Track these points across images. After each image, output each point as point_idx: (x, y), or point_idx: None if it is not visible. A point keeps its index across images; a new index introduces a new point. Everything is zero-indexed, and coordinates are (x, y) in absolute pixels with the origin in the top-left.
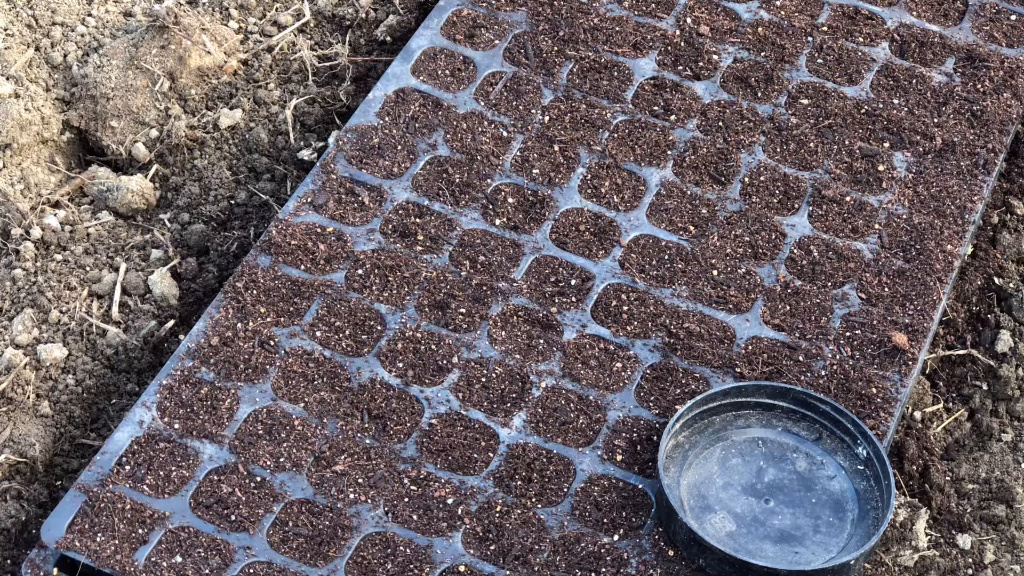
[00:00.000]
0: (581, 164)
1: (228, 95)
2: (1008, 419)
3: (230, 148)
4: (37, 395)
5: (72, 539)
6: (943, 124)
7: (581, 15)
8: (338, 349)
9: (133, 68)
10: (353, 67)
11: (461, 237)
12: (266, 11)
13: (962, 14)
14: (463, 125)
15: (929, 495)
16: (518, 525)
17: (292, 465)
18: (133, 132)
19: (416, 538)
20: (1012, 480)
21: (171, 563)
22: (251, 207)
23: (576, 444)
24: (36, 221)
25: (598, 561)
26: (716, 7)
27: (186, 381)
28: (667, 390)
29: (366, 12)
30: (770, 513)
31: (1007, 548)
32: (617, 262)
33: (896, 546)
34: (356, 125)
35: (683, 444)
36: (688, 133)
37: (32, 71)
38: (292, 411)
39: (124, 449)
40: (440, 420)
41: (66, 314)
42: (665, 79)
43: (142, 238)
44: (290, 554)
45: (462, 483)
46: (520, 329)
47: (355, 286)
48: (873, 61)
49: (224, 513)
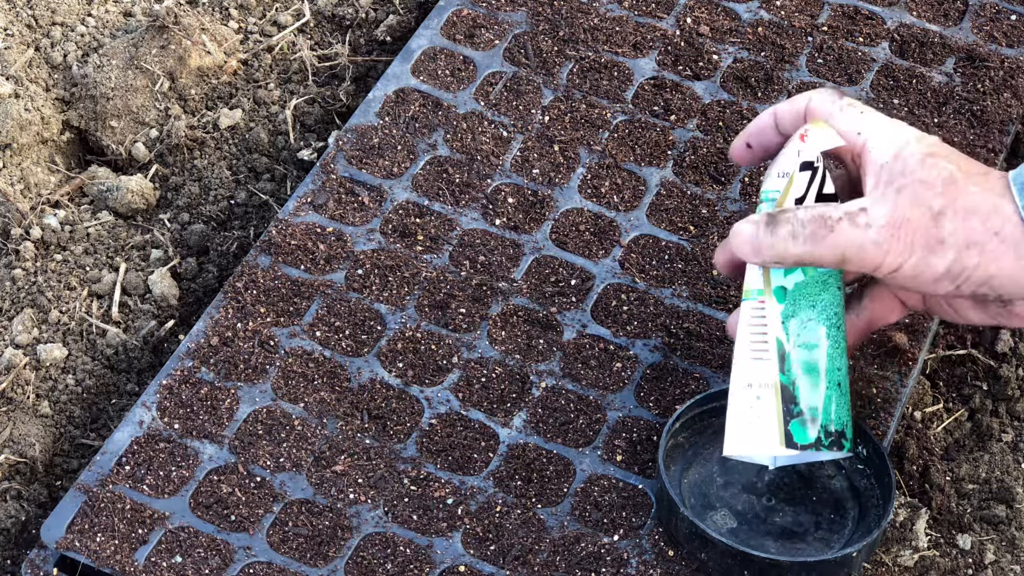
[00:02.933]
0: (581, 164)
1: (228, 95)
2: (1008, 419)
3: (230, 148)
4: (37, 395)
5: (72, 539)
6: (943, 124)
7: (581, 15)
8: (338, 349)
9: (133, 68)
10: (353, 67)
11: (461, 237)
12: (266, 11)
13: (962, 14)
14: (463, 125)
15: (929, 495)
16: (518, 525)
17: (292, 465)
18: (133, 132)
19: (416, 538)
20: (1012, 480)
21: (171, 563)
22: (251, 207)
23: (576, 444)
24: (36, 221)
25: (598, 561)
26: (716, 7)
27: (186, 381)
28: (667, 390)
29: (366, 12)
30: (771, 511)
31: (1007, 548)
32: (617, 262)
33: (896, 546)
34: (356, 125)
35: (683, 444)
36: (688, 133)
37: (32, 71)
38: (292, 411)
39: (124, 449)
40: (440, 420)
41: (66, 314)
42: (665, 79)
43: (142, 238)
44: (290, 554)
45: (462, 483)
46: (520, 329)
47: (355, 286)
48: (873, 61)
49: (224, 513)
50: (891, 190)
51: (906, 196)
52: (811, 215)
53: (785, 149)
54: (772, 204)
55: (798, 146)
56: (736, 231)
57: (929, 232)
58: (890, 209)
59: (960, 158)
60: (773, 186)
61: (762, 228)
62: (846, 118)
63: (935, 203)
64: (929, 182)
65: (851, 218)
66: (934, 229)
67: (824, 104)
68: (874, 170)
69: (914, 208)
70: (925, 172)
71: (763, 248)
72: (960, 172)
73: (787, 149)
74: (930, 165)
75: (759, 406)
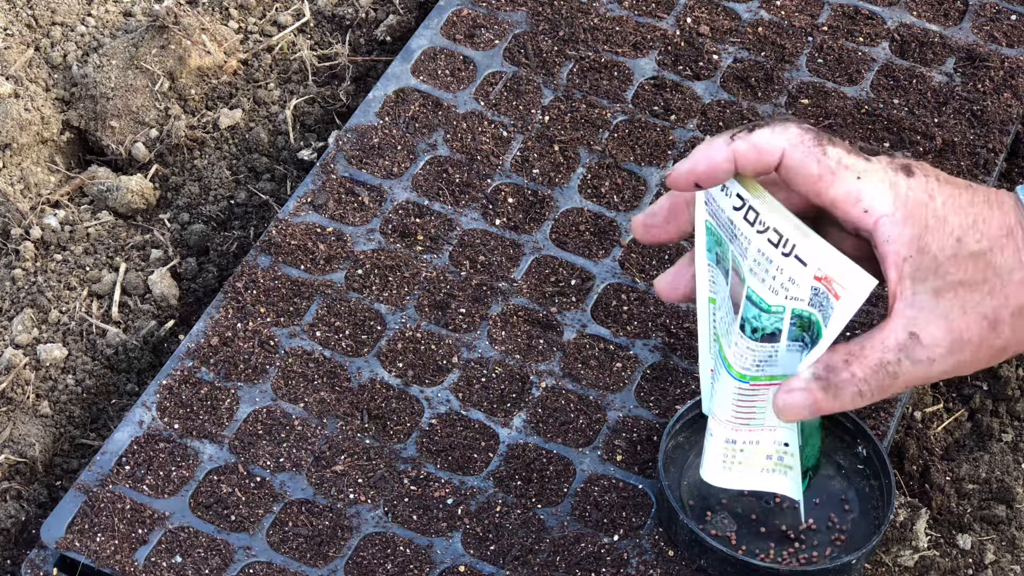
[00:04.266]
0: (581, 164)
1: (228, 95)
2: (1008, 419)
3: (230, 148)
4: (37, 395)
5: (72, 539)
6: (943, 124)
7: (581, 15)
8: (338, 349)
9: (133, 68)
10: (353, 67)
11: (461, 237)
12: (266, 11)
13: (962, 14)
14: (463, 125)
15: (929, 495)
16: (518, 525)
17: (292, 465)
18: (133, 132)
19: (416, 538)
20: (1012, 480)
21: (171, 563)
22: (251, 207)
23: (576, 444)
24: (36, 221)
25: (598, 561)
26: (716, 7)
27: (186, 381)
28: (667, 390)
29: (366, 12)
30: (771, 512)
31: (1007, 548)
32: (617, 262)
33: (896, 546)
34: (356, 125)
35: (683, 444)
36: (688, 133)
37: (32, 71)
38: (292, 411)
39: (124, 449)
40: (440, 420)
41: (66, 314)
42: (665, 79)
43: (142, 238)
44: (290, 554)
45: (462, 483)
46: (520, 329)
47: (355, 286)
48: (873, 61)
49: (224, 513)
50: (927, 295)
51: (951, 304)
52: (870, 369)
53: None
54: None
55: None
56: (785, 405)
57: (991, 344)
58: (944, 330)
59: (969, 205)
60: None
61: (820, 395)
62: (842, 184)
63: (986, 309)
64: (970, 283)
65: (909, 355)
66: (994, 338)
67: (806, 162)
68: (895, 261)
69: (964, 317)
70: (961, 270)
71: (824, 411)
72: (986, 240)
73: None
74: (963, 258)
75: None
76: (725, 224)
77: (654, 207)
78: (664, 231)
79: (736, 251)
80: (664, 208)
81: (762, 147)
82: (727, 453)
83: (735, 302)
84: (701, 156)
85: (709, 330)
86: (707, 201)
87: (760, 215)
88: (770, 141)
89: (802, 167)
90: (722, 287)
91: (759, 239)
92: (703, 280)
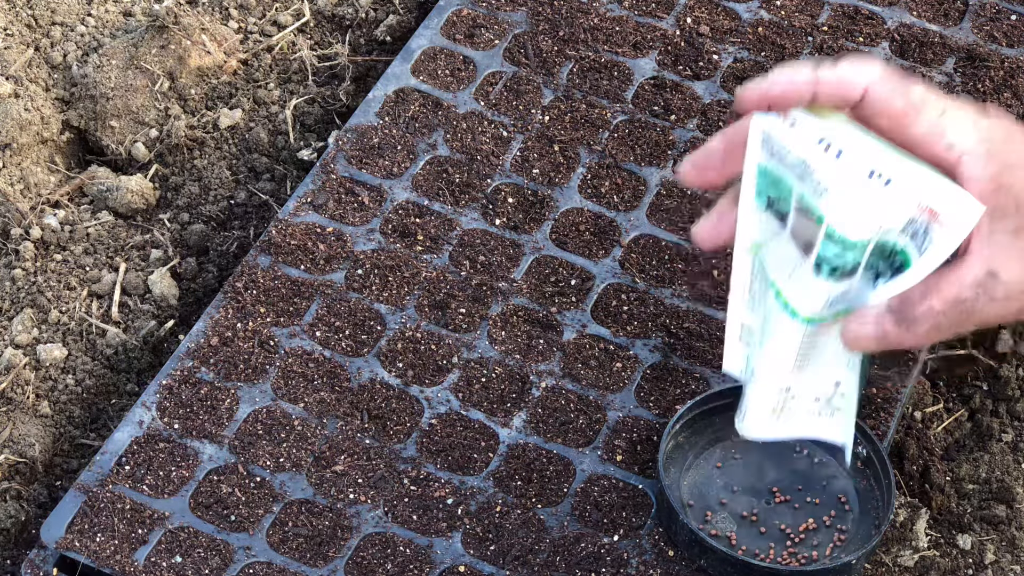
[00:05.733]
0: (581, 164)
1: (228, 95)
2: (1008, 419)
3: (230, 148)
4: (37, 395)
5: (72, 539)
6: None
7: (581, 15)
8: (338, 349)
9: (133, 68)
10: (353, 67)
11: (461, 237)
12: (266, 11)
13: (962, 14)
14: (463, 125)
15: (929, 495)
16: (518, 525)
17: (292, 465)
18: (133, 132)
19: (416, 538)
20: (1012, 480)
21: (171, 563)
22: (251, 207)
23: (576, 444)
24: (36, 221)
25: (598, 561)
26: (716, 7)
27: (186, 381)
28: (667, 390)
29: (366, 12)
30: (771, 512)
31: (1007, 548)
32: (617, 262)
33: (896, 546)
34: (356, 125)
35: (683, 445)
36: (688, 133)
37: (32, 71)
38: (292, 411)
39: (124, 449)
40: (440, 420)
41: (66, 314)
42: (665, 79)
43: (142, 238)
44: (290, 554)
45: (462, 483)
46: (520, 329)
47: (355, 286)
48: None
49: (224, 513)
50: (1006, 235)
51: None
52: (947, 303)
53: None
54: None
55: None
56: (856, 335)
57: None
58: (1023, 269)
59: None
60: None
61: (891, 327)
62: (925, 121)
63: None
64: None
65: (987, 292)
66: None
67: (893, 98)
68: (977, 199)
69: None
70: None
71: (893, 344)
72: None
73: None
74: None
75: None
76: (794, 164)
77: (707, 147)
78: (719, 173)
79: (808, 190)
80: (720, 148)
81: (847, 79)
82: (779, 401)
83: (805, 244)
84: (781, 77)
85: (749, 280)
86: (765, 141)
87: (848, 146)
88: (857, 74)
89: (888, 103)
90: (773, 232)
91: (845, 172)
92: (746, 226)
